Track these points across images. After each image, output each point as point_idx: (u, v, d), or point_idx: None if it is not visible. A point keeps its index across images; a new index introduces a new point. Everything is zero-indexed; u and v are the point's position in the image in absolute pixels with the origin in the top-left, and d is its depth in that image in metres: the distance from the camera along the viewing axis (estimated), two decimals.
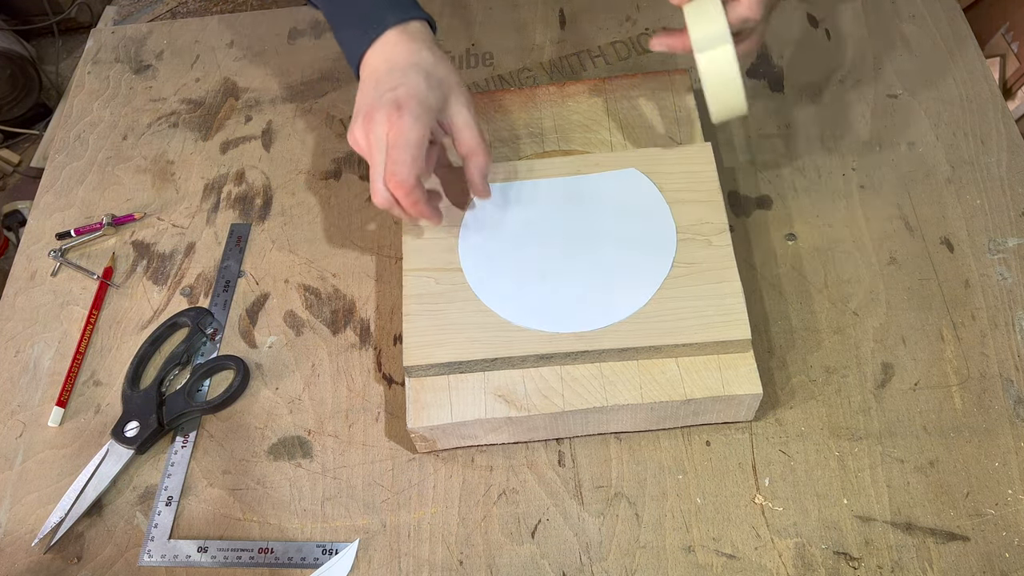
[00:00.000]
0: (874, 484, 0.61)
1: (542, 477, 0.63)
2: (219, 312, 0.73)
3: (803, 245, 0.72)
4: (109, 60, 0.94)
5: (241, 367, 0.69)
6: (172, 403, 0.68)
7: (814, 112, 0.80)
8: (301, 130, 0.85)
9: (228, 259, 0.76)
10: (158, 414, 0.66)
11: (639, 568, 0.59)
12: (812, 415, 0.64)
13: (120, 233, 0.80)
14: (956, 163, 0.75)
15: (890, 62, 0.82)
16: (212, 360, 0.70)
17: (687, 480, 0.62)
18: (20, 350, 0.74)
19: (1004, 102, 0.79)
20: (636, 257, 0.63)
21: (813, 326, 0.68)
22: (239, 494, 0.65)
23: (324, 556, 0.61)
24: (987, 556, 0.57)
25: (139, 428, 0.66)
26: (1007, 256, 0.70)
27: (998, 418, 0.62)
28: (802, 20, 0.87)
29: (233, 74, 0.90)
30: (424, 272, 0.64)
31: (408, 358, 0.61)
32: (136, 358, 0.70)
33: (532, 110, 0.75)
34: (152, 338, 0.71)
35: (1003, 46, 1.17)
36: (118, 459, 0.66)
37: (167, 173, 0.83)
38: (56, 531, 0.63)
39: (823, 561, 0.58)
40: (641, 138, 0.72)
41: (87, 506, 0.64)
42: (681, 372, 0.61)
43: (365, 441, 0.66)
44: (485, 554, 0.60)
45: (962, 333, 0.66)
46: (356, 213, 0.78)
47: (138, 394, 0.68)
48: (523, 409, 0.60)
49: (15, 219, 1.56)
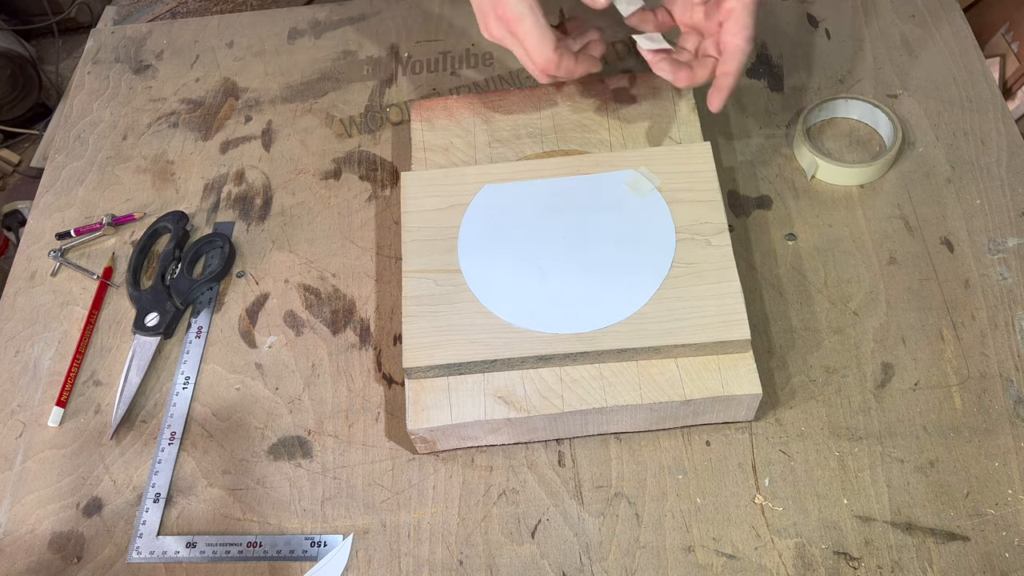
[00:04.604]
0: (874, 484, 0.61)
1: (542, 477, 0.63)
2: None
3: (803, 245, 0.72)
4: (109, 60, 0.94)
5: (227, 241, 0.76)
6: (178, 286, 0.74)
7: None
8: (301, 130, 0.85)
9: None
10: (172, 300, 0.73)
11: (639, 568, 0.59)
12: (812, 415, 0.64)
13: (120, 233, 0.80)
14: (956, 163, 0.75)
15: (890, 62, 0.82)
16: (199, 240, 0.77)
17: (687, 480, 0.62)
18: (20, 350, 0.74)
19: (1004, 102, 0.79)
20: (635, 257, 0.63)
21: (813, 326, 0.68)
22: (239, 494, 0.65)
23: (313, 548, 0.61)
24: (987, 556, 0.57)
25: (159, 316, 0.72)
26: (1007, 256, 0.70)
27: (998, 418, 0.62)
28: (802, 20, 0.87)
29: (233, 74, 0.91)
30: (423, 273, 0.64)
31: (408, 359, 0.61)
32: (131, 265, 0.76)
33: (532, 110, 0.75)
34: (139, 248, 0.77)
35: (1003, 46, 1.17)
36: (147, 348, 0.71)
37: (167, 173, 0.83)
38: (120, 424, 0.68)
39: (823, 561, 0.58)
40: (641, 138, 0.72)
41: (134, 392, 0.69)
42: (681, 373, 0.61)
43: (365, 441, 0.66)
44: (485, 554, 0.60)
45: (962, 333, 0.66)
46: (356, 213, 0.78)
47: (145, 293, 0.74)
48: (523, 410, 0.60)
49: (15, 219, 1.56)
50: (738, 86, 0.79)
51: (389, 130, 0.84)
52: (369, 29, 0.93)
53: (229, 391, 0.70)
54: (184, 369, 0.71)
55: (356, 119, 0.85)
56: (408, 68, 0.89)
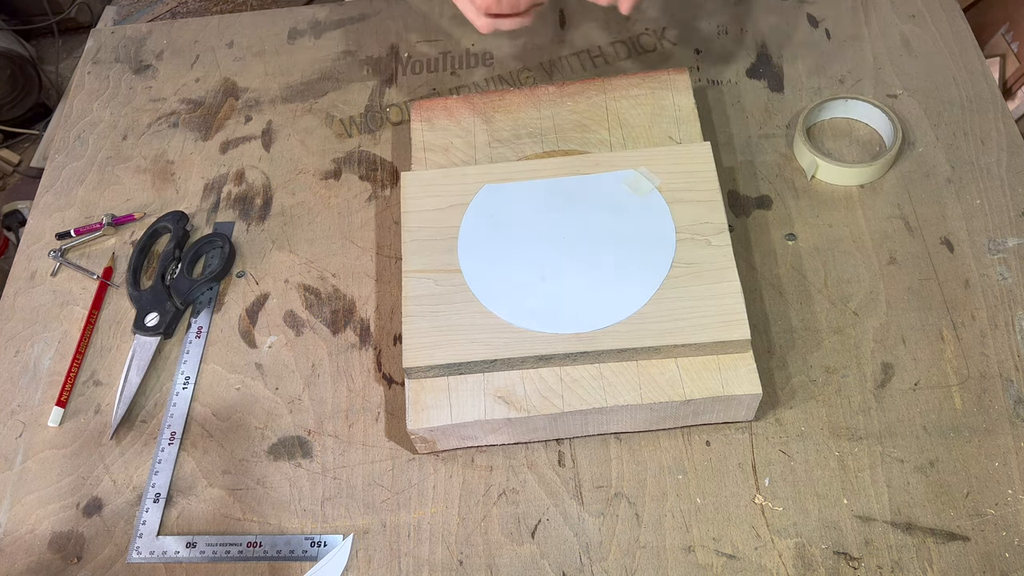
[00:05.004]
0: (874, 484, 0.61)
1: (542, 477, 0.63)
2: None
3: (803, 245, 0.72)
4: (109, 60, 0.94)
5: (227, 241, 0.76)
6: (178, 286, 0.74)
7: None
8: (301, 130, 0.85)
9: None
10: (172, 300, 0.73)
11: (639, 568, 0.59)
12: (812, 415, 0.64)
13: (120, 233, 0.80)
14: (956, 163, 0.75)
15: (890, 62, 0.82)
16: (199, 240, 0.77)
17: (687, 480, 0.62)
18: (20, 350, 0.74)
19: (1004, 102, 0.79)
20: (635, 257, 0.63)
21: (813, 326, 0.68)
22: (239, 494, 0.65)
23: (313, 548, 0.61)
24: (987, 556, 0.57)
25: (159, 316, 0.72)
26: (1007, 256, 0.70)
27: (998, 418, 0.62)
28: (802, 20, 0.87)
29: (233, 74, 0.91)
30: (423, 273, 0.64)
31: (408, 359, 0.61)
32: (131, 264, 0.76)
33: (532, 110, 0.75)
34: (139, 248, 0.77)
35: (1003, 46, 1.17)
36: (147, 348, 0.71)
37: (167, 173, 0.83)
38: (120, 424, 0.68)
39: (823, 561, 0.58)
40: (641, 138, 0.72)
41: (134, 392, 0.69)
42: (681, 373, 0.61)
43: (365, 441, 0.66)
44: (485, 554, 0.60)
45: (962, 333, 0.66)
46: (356, 213, 0.78)
47: (145, 293, 0.74)
48: (523, 410, 0.60)
49: (15, 219, 1.56)
50: (738, 85, 0.79)
51: (389, 130, 0.84)
52: (369, 29, 0.93)
53: (229, 391, 0.70)
54: (184, 369, 0.71)
55: (356, 119, 0.85)
56: (408, 68, 0.89)
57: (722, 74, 0.83)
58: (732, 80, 0.83)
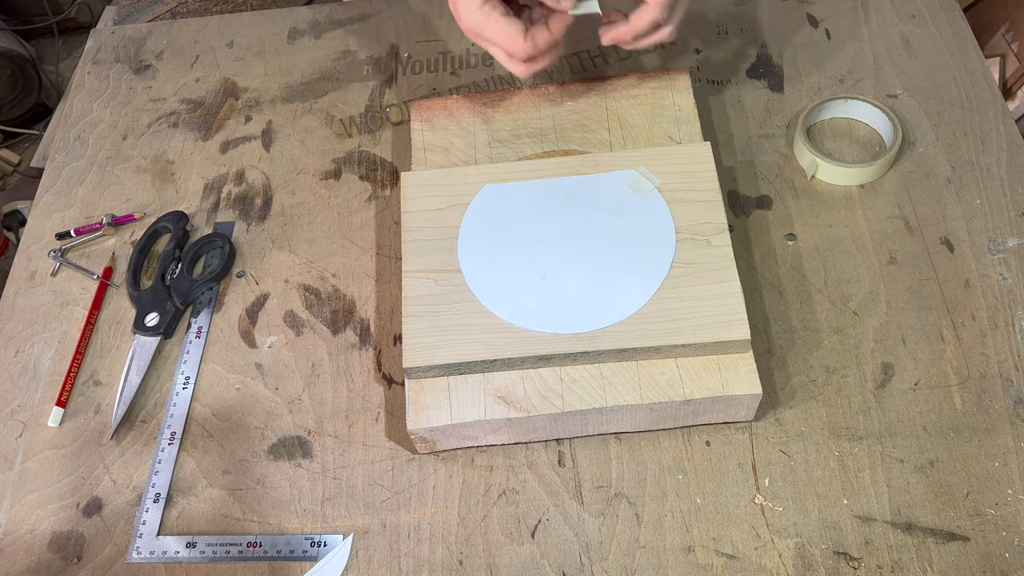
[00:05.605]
0: (874, 484, 0.61)
1: (542, 477, 0.63)
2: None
3: (803, 245, 0.72)
4: (109, 60, 0.94)
5: (227, 241, 0.76)
6: (178, 286, 0.74)
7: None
8: (301, 130, 0.85)
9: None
10: (172, 300, 0.73)
11: (639, 568, 0.59)
12: (812, 415, 0.64)
13: (120, 233, 0.80)
14: (956, 163, 0.75)
15: (890, 62, 0.82)
16: (199, 240, 0.77)
17: (687, 480, 0.62)
18: (20, 350, 0.74)
19: (1004, 102, 0.79)
20: (635, 257, 0.63)
21: (813, 326, 0.68)
22: (239, 494, 0.65)
23: (313, 548, 0.61)
24: (987, 556, 0.57)
25: (159, 316, 0.72)
26: (1007, 256, 0.70)
27: (998, 418, 0.62)
28: (802, 20, 0.87)
29: (233, 74, 0.91)
30: (423, 273, 0.64)
31: (408, 360, 0.61)
32: (131, 264, 0.76)
33: (532, 110, 0.75)
34: (139, 248, 0.77)
35: (1003, 46, 1.17)
36: (147, 348, 0.71)
37: (167, 173, 0.83)
38: (120, 424, 0.68)
39: (823, 561, 0.58)
40: (641, 138, 0.72)
41: (134, 392, 0.69)
42: (681, 373, 0.61)
43: (365, 441, 0.66)
44: (485, 554, 0.60)
45: (962, 333, 0.66)
46: (356, 213, 0.78)
47: (145, 293, 0.74)
48: (523, 410, 0.60)
49: (15, 219, 1.56)
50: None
51: (389, 130, 0.84)
52: (369, 29, 0.93)
53: (229, 391, 0.70)
54: (184, 369, 0.71)
55: (356, 119, 0.85)
56: (408, 68, 0.89)
57: (722, 74, 0.83)
58: (732, 80, 0.83)
